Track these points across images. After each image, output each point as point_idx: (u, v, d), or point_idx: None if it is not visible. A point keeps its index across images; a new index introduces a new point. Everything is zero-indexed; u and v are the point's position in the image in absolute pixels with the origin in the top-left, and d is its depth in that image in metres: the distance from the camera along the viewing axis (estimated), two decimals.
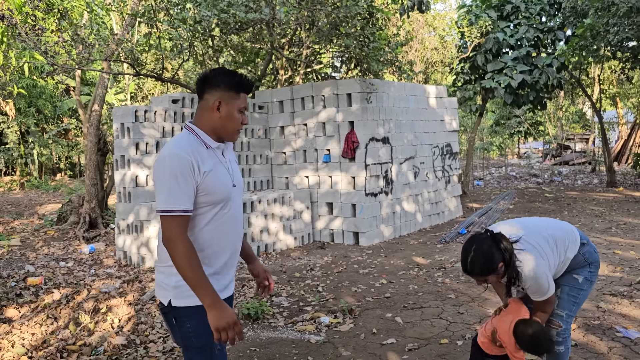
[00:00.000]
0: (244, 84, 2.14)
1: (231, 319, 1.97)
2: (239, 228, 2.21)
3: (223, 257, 2.14)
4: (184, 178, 1.97)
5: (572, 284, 2.73)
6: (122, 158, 7.15)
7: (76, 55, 7.87)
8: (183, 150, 2.01)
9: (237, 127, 2.15)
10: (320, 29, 8.83)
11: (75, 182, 20.21)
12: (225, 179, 2.12)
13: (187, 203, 1.99)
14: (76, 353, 4.08)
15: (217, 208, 2.09)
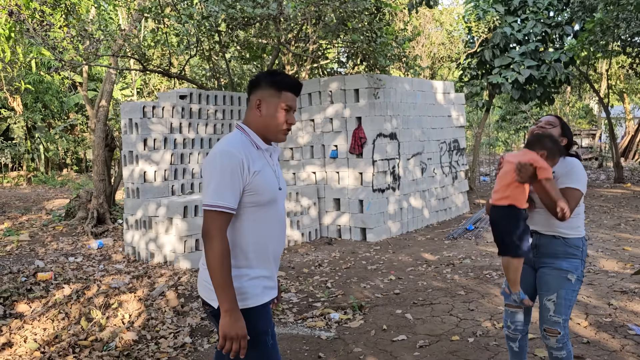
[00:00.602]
0: (285, 81, 2.11)
1: (242, 332, 1.95)
2: (283, 231, 2.20)
3: (267, 258, 2.12)
4: (232, 176, 1.97)
5: (567, 287, 2.70)
6: (130, 154, 7.16)
7: (83, 50, 7.88)
8: (235, 149, 2.01)
9: (280, 126, 2.11)
10: (327, 24, 8.80)
11: (82, 178, 20.29)
12: (272, 181, 2.10)
13: (232, 200, 1.97)
14: (88, 348, 4.09)
15: (262, 209, 2.07)
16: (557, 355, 2.76)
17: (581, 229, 2.75)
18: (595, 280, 5.38)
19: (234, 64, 11.86)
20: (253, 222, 2.06)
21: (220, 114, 8.09)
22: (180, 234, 6.54)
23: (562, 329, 2.72)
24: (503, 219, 2.73)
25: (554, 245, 2.73)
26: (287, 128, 2.13)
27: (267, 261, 2.12)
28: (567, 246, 2.71)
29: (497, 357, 3.67)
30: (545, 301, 2.75)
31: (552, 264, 2.74)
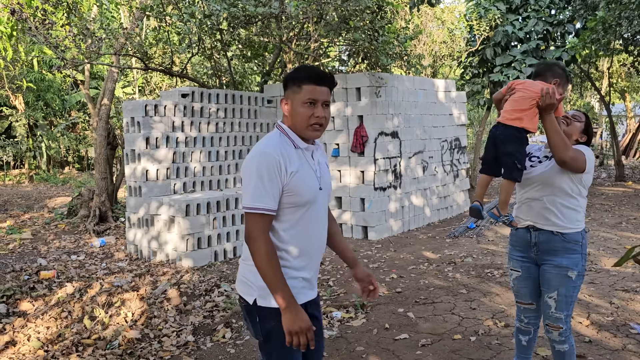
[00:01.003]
0: (303, 74, 2.03)
1: (305, 324, 1.96)
2: (323, 231, 2.17)
3: (306, 259, 2.10)
4: (270, 177, 1.96)
5: (567, 284, 2.71)
6: (133, 152, 7.17)
7: (85, 49, 7.88)
8: (272, 149, 1.99)
9: (305, 121, 2.02)
10: (329, 23, 8.79)
11: (84, 175, 20.31)
12: (311, 181, 2.07)
13: (271, 202, 1.98)
14: (91, 347, 4.11)
15: (301, 210, 2.05)
16: (560, 349, 2.80)
17: (580, 222, 2.75)
18: (597, 279, 5.39)
19: (236, 63, 11.87)
20: (292, 222, 2.05)
21: (222, 112, 8.10)
22: (182, 233, 6.56)
23: (564, 324, 2.76)
24: (510, 138, 2.71)
25: (553, 242, 2.74)
26: (315, 123, 2.02)
27: (306, 262, 2.10)
28: (566, 242, 2.72)
29: (499, 356, 3.68)
30: (547, 298, 2.79)
31: (552, 262, 2.76)
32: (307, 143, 2.10)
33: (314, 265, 2.14)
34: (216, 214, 6.94)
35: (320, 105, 2.02)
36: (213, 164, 7.94)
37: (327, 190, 2.18)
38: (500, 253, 6.76)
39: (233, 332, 4.37)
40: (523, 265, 2.89)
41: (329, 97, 2.06)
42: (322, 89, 2.03)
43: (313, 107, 2.02)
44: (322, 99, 2.02)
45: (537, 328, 2.98)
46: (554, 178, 2.72)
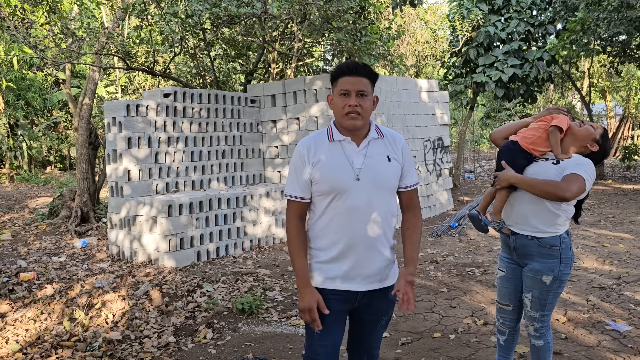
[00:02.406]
0: (337, 69, 2.15)
1: (306, 305, 2.14)
2: (358, 222, 2.15)
3: (336, 248, 2.17)
4: (296, 168, 2.19)
5: (540, 288, 2.75)
6: (114, 152, 7.12)
7: (66, 48, 7.80)
8: (303, 143, 2.21)
9: (341, 111, 2.13)
10: (312, 23, 8.81)
11: (66, 175, 20.07)
12: (339, 172, 2.14)
13: (299, 190, 2.19)
14: (71, 349, 4.08)
15: (329, 198, 2.16)
16: (535, 344, 2.86)
17: (560, 227, 2.73)
18: (574, 277, 5.49)
19: (219, 62, 11.82)
20: (322, 210, 2.18)
21: (205, 112, 8.07)
22: (164, 233, 6.53)
23: (539, 322, 2.81)
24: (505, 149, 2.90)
25: (528, 246, 2.77)
26: (349, 111, 2.11)
27: (340, 251, 2.16)
28: (541, 247, 2.74)
29: (477, 354, 3.73)
30: (524, 297, 2.85)
31: (529, 265, 2.80)
32: (347, 135, 2.18)
33: (352, 256, 2.16)
34: (199, 214, 6.92)
35: (354, 95, 2.10)
36: (196, 164, 7.91)
37: (372, 182, 2.15)
38: (481, 252, 6.84)
39: (214, 333, 4.37)
40: (508, 266, 2.94)
41: (365, 87, 2.11)
42: (354, 79, 2.10)
43: (346, 98, 2.11)
44: (355, 88, 2.10)
45: (513, 331, 3.03)
46: (543, 175, 2.72)
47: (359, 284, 2.19)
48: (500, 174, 2.79)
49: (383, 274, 2.22)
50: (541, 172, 2.73)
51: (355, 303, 2.22)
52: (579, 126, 2.81)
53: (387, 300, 2.27)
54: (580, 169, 2.63)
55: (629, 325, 4.09)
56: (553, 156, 2.81)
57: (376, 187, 2.16)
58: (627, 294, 4.87)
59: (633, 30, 10.36)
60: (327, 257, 2.19)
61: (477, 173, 17.57)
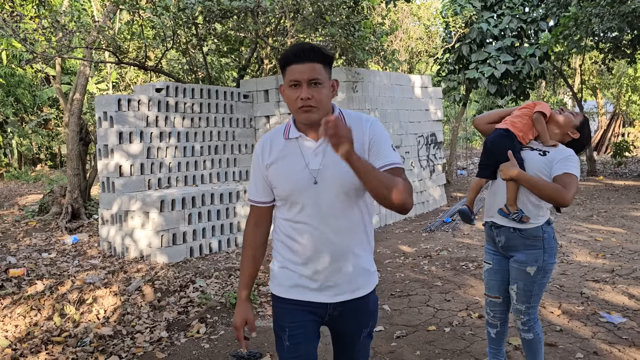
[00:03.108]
0: (283, 57, 1.83)
1: (234, 322, 2.04)
2: (321, 229, 1.88)
3: (300, 256, 1.93)
4: (254, 169, 2.01)
5: (525, 279, 2.73)
6: (105, 147, 7.04)
7: (56, 42, 7.70)
8: (262, 140, 2.00)
9: (294, 105, 1.82)
10: (305, 18, 8.76)
11: (56, 173, 19.89)
12: (293, 175, 1.88)
13: (255, 194, 2.01)
14: (61, 345, 4.02)
15: (288, 204, 1.92)
16: (525, 337, 2.86)
17: (541, 217, 2.72)
18: (568, 270, 5.49)
19: (212, 58, 11.74)
20: (283, 215, 1.96)
21: (197, 107, 8.00)
22: (156, 228, 6.47)
23: (525, 315, 2.79)
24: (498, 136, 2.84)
25: (511, 239, 2.76)
26: (302, 105, 1.80)
27: (301, 259, 1.92)
28: (524, 238, 2.73)
29: (472, 346, 3.72)
30: (510, 289, 2.85)
31: (514, 256, 2.80)
32: (305, 130, 1.90)
33: (317, 266, 1.91)
34: (191, 209, 6.86)
35: (306, 86, 1.78)
36: (188, 159, 7.85)
37: (334, 184, 1.86)
38: (475, 246, 6.84)
39: (208, 327, 4.33)
40: (494, 258, 2.93)
41: (318, 73, 1.79)
42: (304, 66, 1.78)
43: (297, 89, 1.80)
44: (305, 78, 1.78)
45: (504, 322, 3.01)
46: (533, 168, 2.70)
47: (326, 296, 1.93)
48: (504, 166, 2.71)
49: (354, 284, 1.94)
50: (530, 163, 2.72)
51: (325, 315, 1.97)
52: (560, 114, 2.82)
53: (364, 311, 1.99)
54: (571, 167, 2.62)
55: (623, 317, 4.09)
56: (537, 145, 2.80)
57: (340, 188, 1.87)
58: (621, 286, 4.88)
59: (625, 26, 10.41)
60: (291, 264, 1.95)
61: (470, 170, 17.61)
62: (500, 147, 2.78)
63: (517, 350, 3.60)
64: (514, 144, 2.77)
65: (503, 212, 2.77)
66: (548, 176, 2.66)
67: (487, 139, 2.91)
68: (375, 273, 2.03)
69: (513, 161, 2.70)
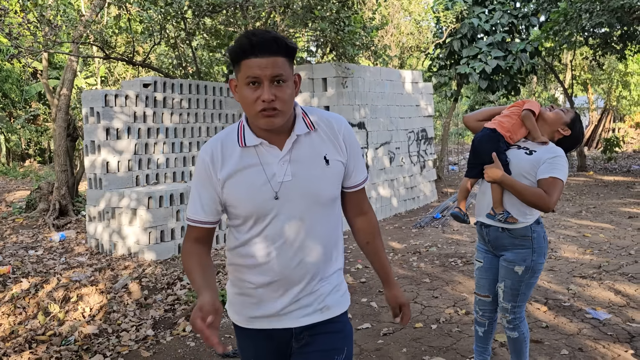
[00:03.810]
0: (237, 47, 1.50)
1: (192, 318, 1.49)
2: (289, 249, 1.63)
3: (263, 280, 1.66)
4: (199, 182, 1.64)
5: (513, 278, 2.73)
6: (92, 143, 6.97)
7: (42, 37, 7.60)
8: (208, 147, 1.62)
9: (252, 108, 1.52)
10: (295, 12, 8.70)
11: (45, 169, 19.72)
12: (254, 191, 1.59)
13: (202, 212, 1.64)
14: (46, 343, 3.98)
15: (249, 223, 1.63)
16: (510, 335, 2.86)
17: (530, 216, 2.71)
18: (556, 266, 5.51)
19: (201, 52, 11.65)
20: (242, 236, 1.66)
21: (186, 102, 7.94)
22: (144, 225, 6.42)
23: (511, 314, 2.79)
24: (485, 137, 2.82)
25: (500, 238, 2.76)
26: (264, 108, 1.50)
27: (264, 283, 1.66)
28: (513, 237, 2.72)
29: (459, 343, 3.72)
30: (497, 287, 2.85)
31: (503, 255, 2.80)
32: (264, 136, 1.60)
33: (283, 289, 1.66)
34: (180, 206, 6.81)
35: (268, 84, 1.49)
36: (177, 155, 7.79)
37: (302, 197, 1.62)
38: (464, 242, 6.85)
39: None
40: (485, 256, 2.92)
41: (281, 69, 1.50)
42: (265, 60, 1.48)
43: (257, 88, 1.50)
44: (267, 74, 1.48)
45: (492, 321, 3.01)
46: (518, 168, 2.69)
47: (292, 320, 1.68)
48: (489, 168, 2.70)
49: (324, 303, 1.70)
50: (515, 162, 2.71)
51: (292, 341, 1.71)
52: (549, 111, 2.80)
53: (337, 334, 1.73)
54: (557, 170, 2.59)
55: (608, 313, 4.11)
56: (525, 144, 2.79)
57: (309, 202, 1.63)
58: (607, 282, 4.90)
59: (614, 21, 10.43)
60: (251, 289, 1.68)
61: (461, 165, 17.65)
62: (485, 149, 2.76)
63: (502, 347, 3.60)
64: (499, 145, 2.75)
65: (490, 214, 2.77)
66: (534, 176, 2.65)
67: (474, 139, 2.89)
68: (347, 293, 1.80)
69: (497, 163, 2.68)
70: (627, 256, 5.77)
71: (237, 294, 1.74)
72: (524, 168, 2.67)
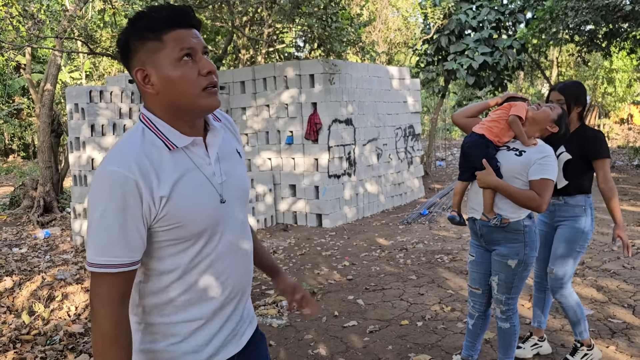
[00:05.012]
0: (157, 18, 1.26)
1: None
2: (242, 260, 1.44)
3: (205, 312, 1.36)
4: (117, 211, 1.20)
5: (506, 272, 2.80)
6: (77, 140, 6.90)
7: (25, 32, 7.48)
8: (124, 164, 1.21)
9: (192, 88, 1.26)
10: (282, 8, 8.66)
11: (29, 164, 19.47)
12: (204, 198, 1.32)
13: (128, 251, 1.23)
14: (30, 343, 3.95)
15: (198, 244, 1.32)
16: (501, 326, 2.93)
17: (522, 211, 2.76)
18: None
19: None
20: (182, 266, 1.32)
21: None
22: None
23: (505, 305, 2.87)
24: (475, 144, 2.84)
25: (494, 232, 2.81)
26: (209, 83, 1.28)
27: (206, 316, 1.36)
28: (506, 232, 2.77)
29: (444, 340, 3.75)
30: (491, 280, 2.91)
31: (496, 250, 2.85)
32: (191, 132, 1.33)
33: (226, 314, 1.41)
34: None
35: (202, 55, 1.30)
36: None
37: (239, 197, 1.43)
38: (450, 238, 6.90)
39: None
40: (477, 251, 2.99)
41: (204, 42, 1.33)
42: (192, 31, 1.29)
43: (194, 61, 1.27)
44: (197, 44, 1.28)
45: (482, 315, 3.05)
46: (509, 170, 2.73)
47: (234, 345, 1.45)
48: (481, 175, 2.75)
49: (251, 313, 1.54)
50: (506, 165, 2.75)
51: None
52: (537, 109, 2.83)
53: (264, 346, 1.58)
54: (547, 171, 2.66)
55: (591, 309, 4.17)
56: (514, 144, 2.82)
57: (242, 201, 1.46)
58: (591, 278, 4.96)
59: (599, 20, 10.53)
60: (188, 333, 1.35)
61: (449, 161, 17.75)
62: (475, 155, 2.81)
63: (487, 344, 3.64)
64: (489, 151, 2.79)
65: (483, 220, 2.82)
66: (525, 176, 2.71)
67: (464, 144, 2.93)
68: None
69: (489, 169, 2.73)
70: (610, 252, 5.85)
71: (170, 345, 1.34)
72: (515, 170, 2.72)
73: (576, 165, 3.13)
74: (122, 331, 1.24)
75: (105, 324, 1.22)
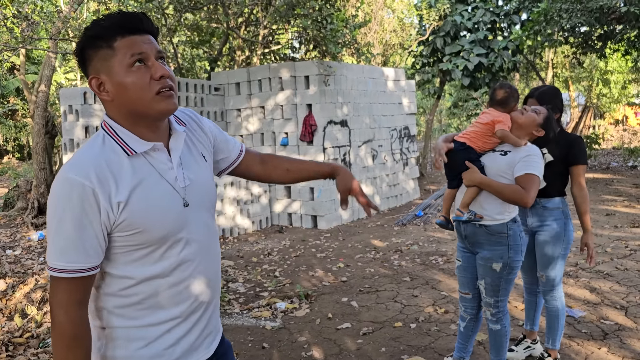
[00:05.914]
0: (107, 25, 1.27)
1: None
2: (208, 265, 1.43)
3: (174, 316, 1.37)
4: (75, 217, 1.22)
5: (491, 276, 2.81)
6: (71, 141, 6.88)
7: (19, 33, 7.46)
8: (81, 171, 1.23)
9: (146, 92, 1.27)
10: (277, 9, 8.67)
11: (24, 165, 19.40)
12: (165, 202, 1.32)
13: (85, 256, 1.24)
14: (23, 346, 3.93)
15: (161, 249, 1.33)
16: (492, 328, 2.94)
17: (508, 213, 2.77)
18: None
19: (183, 48, 11.55)
20: (143, 273, 1.31)
21: None
22: None
23: (495, 307, 2.88)
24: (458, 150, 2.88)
25: (478, 234, 2.82)
26: (162, 87, 1.28)
27: (175, 321, 1.37)
28: (490, 234, 2.78)
29: (437, 342, 3.75)
30: (479, 284, 2.92)
31: (480, 253, 2.86)
32: (152, 138, 1.33)
33: (194, 318, 1.41)
34: None
35: (156, 61, 1.30)
36: None
37: (204, 201, 1.44)
38: (445, 240, 6.91)
39: None
40: (464, 255, 2.99)
41: (159, 47, 1.33)
42: (146, 37, 1.30)
43: (147, 67, 1.28)
44: (149, 49, 1.29)
45: (473, 318, 3.06)
46: (495, 169, 2.75)
47: (204, 350, 1.45)
48: (466, 174, 2.78)
49: (218, 324, 1.55)
50: (491, 164, 2.77)
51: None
52: (522, 114, 2.83)
53: (231, 351, 1.59)
54: (532, 167, 2.67)
55: (583, 311, 4.18)
56: (500, 147, 2.83)
57: (208, 207, 1.47)
58: (584, 280, 4.98)
59: (594, 22, 10.58)
60: (153, 337, 1.35)
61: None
62: (457, 159, 2.84)
63: (480, 346, 3.65)
64: (470, 155, 2.81)
65: (457, 215, 2.84)
66: (511, 174, 2.71)
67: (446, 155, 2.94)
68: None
69: (474, 168, 2.75)
70: (603, 254, 5.87)
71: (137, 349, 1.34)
72: (500, 168, 2.74)
73: (556, 167, 3.15)
74: (80, 332, 1.26)
75: (63, 325, 1.24)
